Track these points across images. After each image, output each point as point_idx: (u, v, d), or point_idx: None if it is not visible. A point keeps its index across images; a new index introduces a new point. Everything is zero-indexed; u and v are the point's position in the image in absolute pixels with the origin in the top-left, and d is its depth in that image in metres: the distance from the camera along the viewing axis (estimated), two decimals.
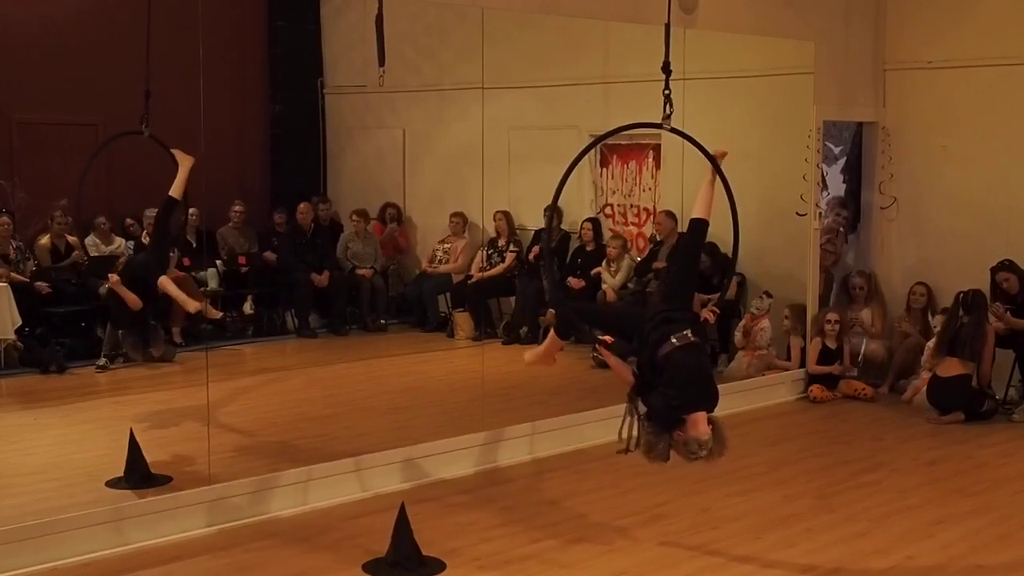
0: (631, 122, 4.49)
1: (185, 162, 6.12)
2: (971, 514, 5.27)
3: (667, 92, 4.42)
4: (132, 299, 5.95)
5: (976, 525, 5.12)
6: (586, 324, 4.49)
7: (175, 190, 6.16)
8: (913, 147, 8.09)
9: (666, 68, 4.47)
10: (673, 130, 4.43)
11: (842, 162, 8.67)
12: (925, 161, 8.03)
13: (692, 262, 4.66)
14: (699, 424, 4.02)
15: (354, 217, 9.99)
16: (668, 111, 4.44)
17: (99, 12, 9.16)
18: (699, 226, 4.50)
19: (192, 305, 6.26)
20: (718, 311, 4.81)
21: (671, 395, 4.01)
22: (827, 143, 8.34)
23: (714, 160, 4.49)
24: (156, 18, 6.00)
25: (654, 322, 4.14)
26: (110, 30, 9.05)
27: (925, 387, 7.27)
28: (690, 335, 4.08)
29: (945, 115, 7.90)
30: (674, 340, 4.04)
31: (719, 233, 8.18)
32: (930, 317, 7.68)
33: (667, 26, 4.53)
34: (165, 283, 6.00)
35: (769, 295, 8.03)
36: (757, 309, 8.02)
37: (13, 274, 7.97)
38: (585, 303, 4.77)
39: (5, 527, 4.50)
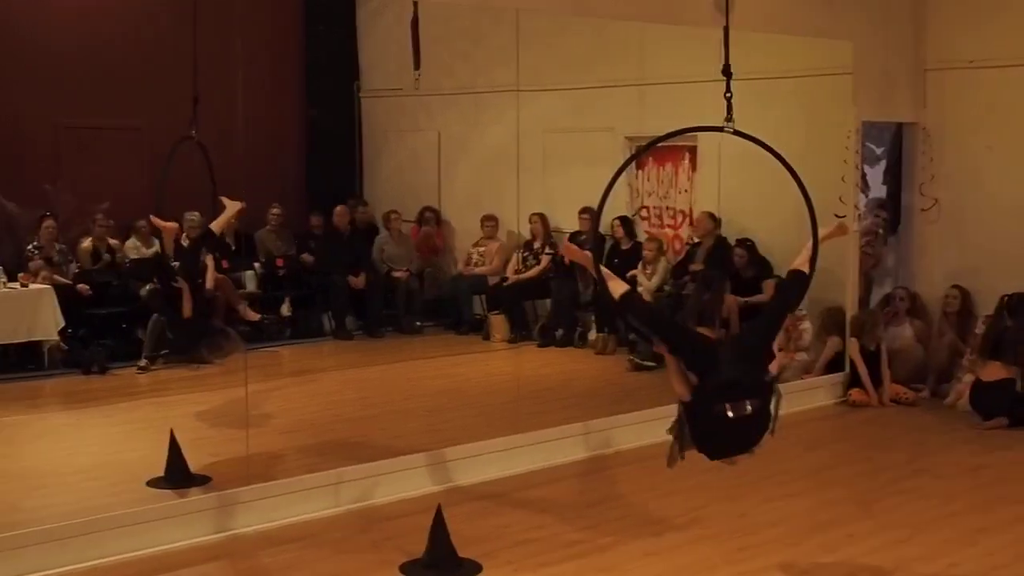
0: (686, 126, 4.35)
1: (231, 208, 6.27)
2: (1016, 522, 5.18)
3: (728, 95, 4.35)
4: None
5: (1021, 533, 5.03)
6: (646, 326, 4.31)
7: (216, 226, 6.35)
8: (955, 148, 7.96)
9: (726, 71, 4.42)
10: (737, 132, 4.31)
11: (884, 163, 8.56)
12: (967, 162, 7.91)
13: (779, 318, 4.27)
14: None
15: (392, 215, 10.05)
16: (729, 114, 4.36)
17: (142, 18, 9.29)
18: (801, 279, 4.17)
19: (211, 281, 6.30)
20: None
21: (702, 440, 3.95)
22: (869, 144, 8.23)
23: (802, 187, 4.09)
24: (195, 24, 6.07)
25: (718, 380, 3.86)
26: (152, 36, 9.17)
27: (968, 391, 7.16)
28: (748, 407, 3.88)
29: (987, 115, 7.77)
30: (729, 413, 3.85)
31: (754, 229, 8.20)
32: (981, 321, 7.48)
33: (726, 29, 4.48)
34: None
35: None
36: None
37: (56, 276, 8.12)
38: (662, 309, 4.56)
39: (53, 524, 4.59)
